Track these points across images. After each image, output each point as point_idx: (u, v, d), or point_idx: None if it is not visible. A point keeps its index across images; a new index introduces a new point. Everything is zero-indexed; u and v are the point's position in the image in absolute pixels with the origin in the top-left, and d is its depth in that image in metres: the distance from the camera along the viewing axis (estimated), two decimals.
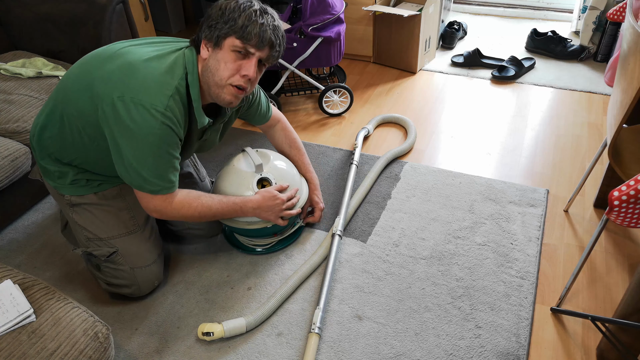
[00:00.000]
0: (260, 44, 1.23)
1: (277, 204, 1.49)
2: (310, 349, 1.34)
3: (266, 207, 1.48)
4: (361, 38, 2.78)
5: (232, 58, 1.24)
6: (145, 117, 1.19)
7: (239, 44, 1.22)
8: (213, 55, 1.24)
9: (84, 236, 1.44)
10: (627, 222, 1.12)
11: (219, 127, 1.49)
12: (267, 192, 1.49)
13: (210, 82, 1.27)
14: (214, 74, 1.25)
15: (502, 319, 1.44)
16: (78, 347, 1.08)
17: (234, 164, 1.60)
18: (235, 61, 1.24)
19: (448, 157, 2.10)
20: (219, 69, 1.24)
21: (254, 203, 1.47)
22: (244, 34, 1.21)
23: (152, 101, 1.19)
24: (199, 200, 1.38)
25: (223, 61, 1.24)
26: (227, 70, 1.24)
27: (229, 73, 1.25)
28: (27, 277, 1.19)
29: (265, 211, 1.48)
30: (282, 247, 1.69)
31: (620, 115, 1.21)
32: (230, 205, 1.44)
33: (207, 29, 1.24)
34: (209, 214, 1.40)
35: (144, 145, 1.22)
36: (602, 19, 2.65)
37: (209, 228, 1.68)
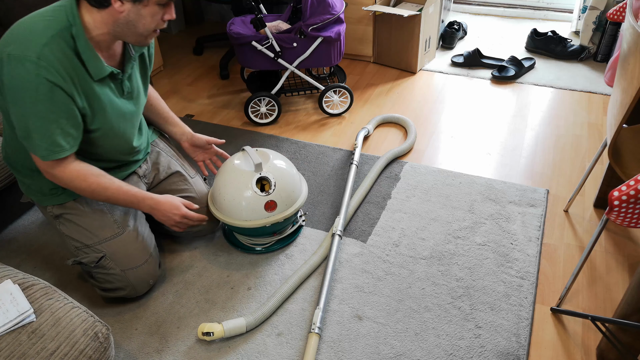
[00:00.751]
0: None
1: (174, 214, 1.47)
2: (310, 349, 1.34)
3: (163, 211, 1.46)
4: (361, 38, 2.78)
5: (158, 10, 1.24)
6: (19, 70, 1.14)
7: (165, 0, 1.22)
8: (134, 9, 1.21)
9: (72, 246, 1.45)
10: (627, 222, 1.12)
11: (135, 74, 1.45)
12: (173, 202, 1.47)
13: (128, 33, 1.25)
14: (136, 26, 1.24)
15: (502, 319, 1.44)
16: (78, 347, 1.08)
17: (234, 162, 1.60)
18: (159, 12, 1.24)
19: (448, 157, 2.10)
20: (146, 22, 1.24)
21: (153, 202, 1.44)
22: None
23: (25, 52, 1.14)
24: (97, 179, 1.34)
25: (150, 15, 1.23)
26: (154, 22, 1.25)
27: (155, 24, 1.26)
28: (27, 277, 1.19)
29: (161, 215, 1.46)
30: (281, 247, 1.69)
31: (620, 115, 1.21)
32: (128, 196, 1.40)
33: None
34: (102, 194, 1.36)
35: (23, 103, 1.18)
36: (602, 19, 2.65)
37: (206, 225, 1.68)
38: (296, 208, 1.60)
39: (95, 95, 1.30)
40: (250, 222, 1.55)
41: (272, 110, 2.35)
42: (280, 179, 1.57)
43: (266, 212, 1.55)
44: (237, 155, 1.63)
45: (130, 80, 1.40)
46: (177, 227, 1.51)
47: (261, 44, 2.14)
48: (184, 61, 2.99)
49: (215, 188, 1.59)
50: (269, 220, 1.56)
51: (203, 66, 2.93)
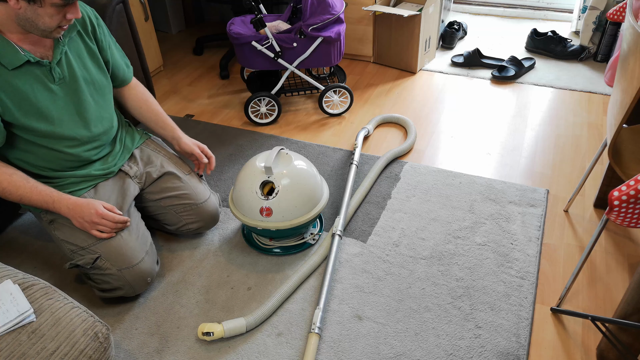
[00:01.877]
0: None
1: (91, 214, 1.39)
2: (310, 349, 1.34)
3: (80, 212, 1.39)
4: (361, 38, 2.78)
5: (55, 11, 1.21)
6: None
7: (60, 1, 1.19)
8: (30, 9, 1.19)
9: (68, 249, 1.45)
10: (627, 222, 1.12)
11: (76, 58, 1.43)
12: (91, 202, 1.40)
13: (31, 28, 1.24)
14: (36, 24, 1.22)
15: (502, 319, 1.44)
16: (78, 347, 1.08)
17: (257, 158, 1.62)
18: (59, 12, 1.22)
19: (448, 157, 2.10)
20: (44, 22, 1.22)
21: (70, 203, 1.39)
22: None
23: None
24: (9, 177, 1.33)
25: (47, 15, 1.21)
26: (53, 21, 1.23)
27: (57, 22, 1.24)
28: (27, 277, 1.19)
29: (79, 217, 1.39)
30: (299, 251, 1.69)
31: (620, 115, 1.21)
32: (42, 196, 1.37)
33: None
34: (14, 193, 1.35)
35: None
36: (602, 19, 2.65)
37: (205, 220, 1.68)
38: (293, 224, 1.56)
39: (12, 86, 1.29)
40: (245, 218, 1.58)
41: (272, 110, 2.35)
42: (285, 190, 1.54)
43: (260, 215, 1.55)
44: (267, 153, 1.63)
45: (62, 65, 1.38)
46: (97, 232, 1.41)
47: (261, 44, 2.14)
48: (184, 61, 2.99)
49: (238, 175, 1.64)
50: (261, 224, 1.56)
51: (203, 66, 2.93)
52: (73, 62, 1.41)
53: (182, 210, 1.64)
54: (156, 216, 1.66)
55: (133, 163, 1.61)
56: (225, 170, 2.07)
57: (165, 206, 1.63)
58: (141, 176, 1.61)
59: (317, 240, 1.72)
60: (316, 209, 1.61)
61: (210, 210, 1.68)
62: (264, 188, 1.56)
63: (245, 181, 1.57)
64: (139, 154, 1.64)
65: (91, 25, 1.47)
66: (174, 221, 1.66)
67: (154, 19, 3.31)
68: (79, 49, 1.43)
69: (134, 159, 1.62)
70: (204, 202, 1.66)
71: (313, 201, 1.59)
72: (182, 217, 1.65)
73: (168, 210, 1.64)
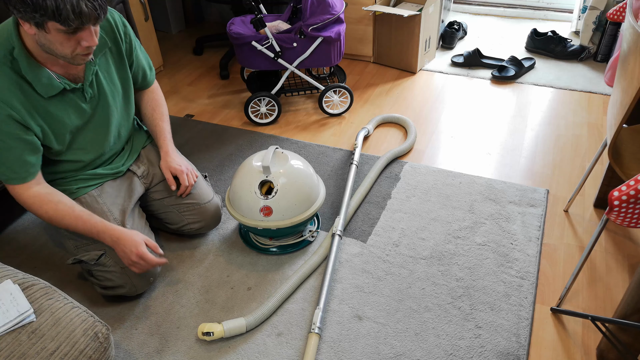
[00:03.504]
0: (84, 19, 1.10)
1: (132, 252, 1.36)
2: (310, 349, 1.34)
3: (122, 247, 1.37)
4: (361, 38, 2.78)
5: (65, 38, 1.14)
6: None
7: (63, 28, 1.11)
8: (41, 35, 1.14)
9: (72, 245, 1.45)
10: (627, 222, 1.12)
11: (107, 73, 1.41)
12: (134, 238, 1.37)
13: (53, 53, 1.19)
14: (53, 51, 1.18)
15: (502, 319, 1.44)
16: (78, 347, 1.08)
17: (253, 158, 1.61)
18: (70, 39, 1.15)
19: (448, 157, 2.10)
20: (57, 48, 1.17)
21: (115, 235, 1.36)
22: (61, 18, 1.08)
23: None
24: (55, 205, 1.31)
25: (57, 42, 1.15)
26: (66, 48, 1.17)
27: (71, 49, 1.18)
28: (27, 277, 1.19)
29: (120, 251, 1.38)
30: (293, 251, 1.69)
31: (620, 115, 1.21)
32: (87, 227, 1.35)
33: (16, 11, 1.09)
34: (60, 222, 1.34)
35: None
36: (602, 19, 2.65)
37: (208, 220, 1.68)
38: (293, 222, 1.57)
39: (49, 113, 1.29)
40: (244, 218, 1.57)
41: (272, 110, 2.35)
42: (284, 189, 1.55)
43: (260, 215, 1.55)
44: (262, 152, 1.63)
45: (92, 85, 1.37)
46: (134, 267, 1.40)
47: (261, 44, 2.14)
48: (184, 61, 2.99)
49: (233, 178, 1.62)
50: (261, 224, 1.56)
51: (203, 66, 2.93)
52: (102, 79, 1.41)
53: (185, 209, 1.64)
54: (159, 215, 1.66)
55: (140, 163, 1.62)
56: (225, 170, 2.07)
57: (169, 205, 1.64)
58: (147, 176, 1.62)
59: (316, 237, 1.72)
60: (314, 205, 1.61)
61: (213, 210, 1.68)
62: (262, 188, 1.56)
63: (243, 182, 1.57)
64: (145, 153, 1.64)
65: (120, 35, 1.43)
66: (176, 220, 1.66)
67: (154, 19, 3.31)
68: (107, 64, 1.42)
69: (140, 159, 1.63)
70: (207, 203, 1.66)
71: (311, 198, 1.60)
72: (184, 217, 1.65)
73: (171, 209, 1.64)
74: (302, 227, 1.68)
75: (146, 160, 1.63)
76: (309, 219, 1.63)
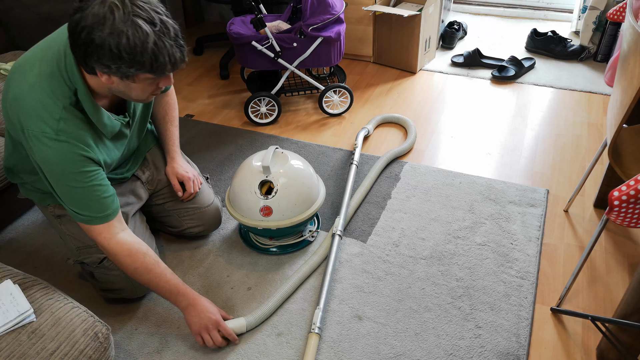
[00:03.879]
0: (175, 67, 1.11)
1: (207, 326, 1.34)
2: (310, 349, 1.34)
3: (197, 318, 1.34)
4: (361, 38, 2.78)
5: (148, 84, 1.14)
6: (41, 148, 1.14)
7: (154, 76, 1.11)
8: (122, 84, 1.12)
9: (74, 245, 1.44)
10: (627, 222, 1.12)
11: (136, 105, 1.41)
12: (213, 314, 1.35)
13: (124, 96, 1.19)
14: (129, 95, 1.17)
15: (502, 319, 1.44)
16: (78, 347, 1.08)
17: (253, 158, 1.61)
18: (152, 84, 1.15)
19: (448, 157, 2.10)
20: (137, 93, 1.16)
21: (192, 299, 1.34)
22: (158, 70, 1.08)
23: (42, 128, 1.12)
24: (142, 257, 1.28)
25: (139, 89, 1.15)
26: (145, 92, 1.17)
27: (149, 93, 1.18)
28: (27, 277, 1.19)
29: (194, 320, 1.34)
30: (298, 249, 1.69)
31: (620, 115, 1.21)
32: (169, 286, 1.33)
33: (103, 67, 1.07)
34: (144, 275, 1.30)
35: (51, 176, 1.18)
36: (602, 19, 2.65)
37: (208, 224, 1.68)
38: (293, 222, 1.56)
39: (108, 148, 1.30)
40: (245, 218, 1.57)
41: (272, 110, 2.35)
42: (284, 189, 1.54)
43: (260, 215, 1.55)
44: (262, 152, 1.62)
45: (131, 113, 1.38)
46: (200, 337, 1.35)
47: (261, 44, 2.14)
48: None
49: (233, 178, 1.62)
50: (261, 224, 1.56)
51: (203, 66, 2.93)
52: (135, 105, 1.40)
53: (185, 214, 1.64)
54: (159, 218, 1.66)
55: (145, 168, 1.59)
56: (225, 170, 2.07)
57: (169, 209, 1.63)
58: (152, 182, 1.60)
59: (316, 237, 1.72)
60: (314, 205, 1.61)
61: (213, 214, 1.68)
62: (262, 188, 1.56)
63: (243, 182, 1.57)
64: (150, 157, 1.62)
65: None
66: (176, 224, 1.66)
67: None
68: None
69: (145, 163, 1.60)
70: (208, 207, 1.66)
71: (311, 198, 1.60)
72: (184, 221, 1.65)
73: (171, 213, 1.64)
74: (302, 227, 1.68)
75: (152, 165, 1.61)
76: (309, 219, 1.63)
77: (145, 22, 1.03)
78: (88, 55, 1.05)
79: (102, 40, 1.01)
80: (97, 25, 1.01)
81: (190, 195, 1.61)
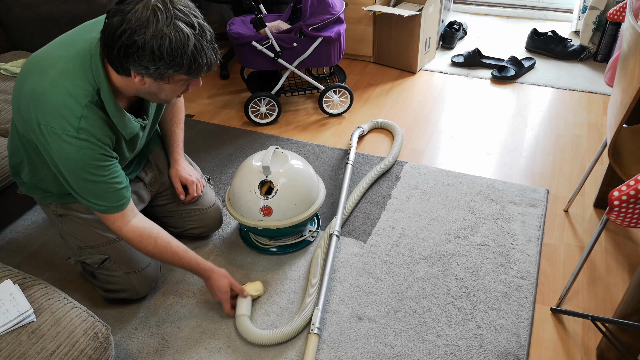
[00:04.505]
0: (210, 68, 1.15)
1: (222, 292, 1.43)
2: (310, 349, 1.34)
3: (216, 287, 1.43)
4: (361, 38, 2.78)
5: (181, 85, 1.18)
6: (61, 145, 1.15)
7: (188, 77, 1.15)
8: (155, 85, 1.15)
9: (76, 245, 1.44)
10: (627, 222, 1.12)
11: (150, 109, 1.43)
12: (226, 283, 1.43)
13: (150, 97, 1.21)
14: (158, 96, 1.20)
15: (502, 319, 1.44)
16: (78, 347, 1.08)
17: (253, 158, 1.61)
18: (183, 85, 1.19)
19: (448, 157, 2.10)
20: (167, 94, 1.19)
21: (209, 273, 1.42)
22: (194, 71, 1.12)
23: (64, 126, 1.13)
24: (153, 241, 1.33)
25: (171, 90, 1.18)
26: (176, 93, 1.20)
27: (178, 93, 1.21)
28: (27, 277, 1.19)
29: (213, 288, 1.44)
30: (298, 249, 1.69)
31: (620, 115, 1.21)
32: (183, 262, 1.39)
33: (141, 68, 1.09)
34: (158, 257, 1.36)
35: (68, 171, 1.19)
36: (602, 19, 2.65)
37: (209, 225, 1.68)
38: (293, 222, 1.56)
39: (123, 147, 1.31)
40: (244, 218, 1.57)
41: (272, 110, 2.35)
42: (284, 189, 1.54)
43: (260, 215, 1.55)
44: (262, 152, 1.62)
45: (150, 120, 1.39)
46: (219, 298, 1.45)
47: (261, 44, 2.14)
48: None
49: (233, 179, 1.62)
50: (261, 224, 1.56)
51: None
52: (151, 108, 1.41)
53: (187, 215, 1.64)
54: (161, 219, 1.66)
55: (148, 169, 1.59)
56: (225, 170, 2.07)
57: (171, 211, 1.63)
58: (154, 184, 1.60)
59: (316, 237, 1.72)
60: (314, 206, 1.61)
61: (215, 216, 1.68)
62: (262, 188, 1.56)
63: (243, 182, 1.57)
64: (153, 159, 1.62)
65: None
66: (177, 225, 1.66)
67: None
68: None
69: (149, 165, 1.60)
70: (210, 208, 1.66)
71: (311, 198, 1.60)
72: (185, 222, 1.65)
73: (173, 214, 1.64)
74: (302, 227, 1.68)
75: (155, 167, 1.61)
76: (309, 219, 1.63)
77: (186, 25, 1.06)
78: (127, 57, 1.07)
79: (145, 43, 1.04)
80: (141, 28, 1.03)
81: (193, 199, 1.62)
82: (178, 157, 1.61)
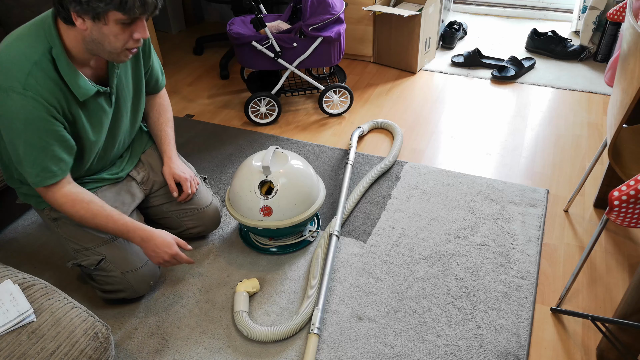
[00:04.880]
0: (146, 8, 1.13)
1: (165, 252, 1.39)
2: (310, 350, 1.34)
3: (154, 246, 1.38)
4: (361, 38, 2.78)
5: (120, 29, 1.15)
6: (6, 102, 1.13)
7: (125, 18, 1.13)
8: (95, 28, 1.14)
9: (72, 248, 1.44)
10: (627, 222, 1.12)
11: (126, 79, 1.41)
12: (166, 238, 1.39)
13: (99, 51, 1.20)
14: (103, 45, 1.18)
15: (502, 319, 1.44)
16: (78, 347, 1.08)
17: (252, 158, 1.61)
18: (124, 31, 1.16)
19: (448, 157, 2.10)
20: (110, 41, 1.17)
21: (145, 234, 1.37)
22: (126, 8, 1.10)
23: (10, 82, 1.13)
24: (87, 205, 1.31)
25: (112, 35, 1.15)
26: (119, 41, 1.17)
27: (123, 43, 1.18)
28: (27, 277, 1.19)
29: (151, 250, 1.39)
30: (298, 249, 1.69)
31: (620, 115, 1.21)
32: (118, 225, 1.35)
33: (75, 4, 1.10)
34: (90, 221, 1.33)
35: (13, 131, 1.17)
36: (602, 19, 2.65)
37: (207, 224, 1.68)
38: (293, 222, 1.57)
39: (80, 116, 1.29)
40: (244, 218, 1.57)
41: (272, 110, 2.35)
42: (284, 189, 1.54)
43: (260, 215, 1.55)
44: (262, 152, 1.62)
45: (114, 89, 1.37)
46: (162, 264, 1.43)
47: (261, 44, 2.14)
48: (184, 61, 2.99)
49: (233, 179, 1.62)
50: (261, 224, 1.56)
51: (203, 66, 2.93)
52: (123, 84, 1.40)
53: (184, 215, 1.64)
54: (158, 221, 1.66)
55: (140, 169, 1.59)
56: (226, 170, 2.07)
57: (167, 211, 1.63)
58: (147, 182, 1.60)
59: (316, 237, 1.72)
60: (314, 206, 1.61)
61: (212, 215, 1.68)
62: (262, 188, 1.56)
63: (243, 182, 1.57)
64: (146, 158, 1.62)
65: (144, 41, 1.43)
66: (175, 226, 1.66)
67: (154, 19, 3.31)
68: (126, 69, 1.41)
69: (140, 164, 1.60)
70: (206, 207, 1.66)
71: (311, 198, 1.60)
72: (183, 222, 1.65)
73: (170, 214, 1.64)
74: (302, 227, 1.68)
75: (147, 166, 1.61)
76: (309, 219, 1.63)
77: None
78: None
79: None
80: None
81: (187, 197, 1.61)
82: (171, 155, 1.61)
